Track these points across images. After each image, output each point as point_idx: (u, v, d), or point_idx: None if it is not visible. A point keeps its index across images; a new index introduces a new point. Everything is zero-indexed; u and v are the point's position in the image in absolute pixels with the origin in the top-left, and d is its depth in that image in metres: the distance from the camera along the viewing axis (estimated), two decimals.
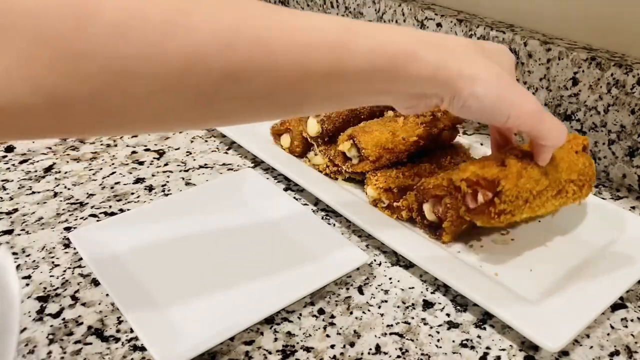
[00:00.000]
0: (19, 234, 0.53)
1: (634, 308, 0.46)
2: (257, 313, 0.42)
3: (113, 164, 0.65)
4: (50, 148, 0.68)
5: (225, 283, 0.46)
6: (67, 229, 0.54)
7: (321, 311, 0.45)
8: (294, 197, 0.59)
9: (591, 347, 0.43)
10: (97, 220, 0.55)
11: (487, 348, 0.42)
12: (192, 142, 0.70)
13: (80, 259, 0.50)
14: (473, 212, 0.44)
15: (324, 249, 0.49)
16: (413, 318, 0.45)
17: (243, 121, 0.35)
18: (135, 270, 0.47)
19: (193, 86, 0.28)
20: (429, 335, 0.43)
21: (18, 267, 0.49)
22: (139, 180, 0.62)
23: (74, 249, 0.51)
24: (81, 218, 0.55)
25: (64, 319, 0.44)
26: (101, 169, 0.64)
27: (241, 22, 0.29)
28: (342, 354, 0.41)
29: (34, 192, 0.59)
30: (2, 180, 0.61)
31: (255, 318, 0.41)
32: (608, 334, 0.44)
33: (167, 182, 0.62)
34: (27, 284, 0.47)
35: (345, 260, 0.47)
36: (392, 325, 0.44)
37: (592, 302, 0.43)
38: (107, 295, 0.46)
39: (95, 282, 0.47)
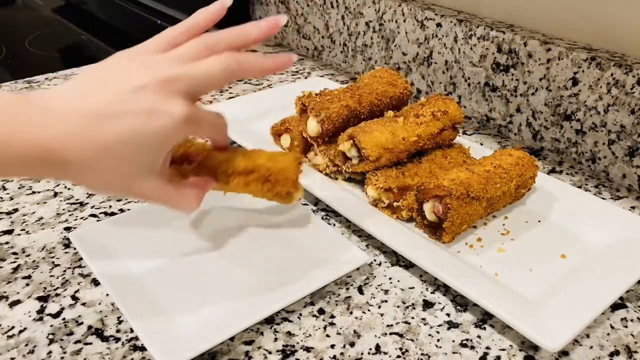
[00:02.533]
0: (19, 234, 0.53)
1: (634, 308, 0.46)
2: (257, 313, 0.42)
3: None
4: None
5: (226, 283, 0.46)
6: (67, 229, 0.54)
7: (321, 311, 0.45)
8: None
9: (591, 347, 0.43)
10: (97, 220, 0.55)
11: (487, 348, 0.42)
12: None
13: (81, 259, 0.50)
14: None
15: (324, 249, 0.49)
16: (413, 318, 0.45)
17: None
18: (135, 270, 0.47)
19: None
20: (429, 335, 0.43)
21: (18, 266, 0.49)
22: None
23: (74, 249, 0.51)
24: (81, 218, 0.55)
25: (64, 319, 0.44)
26: None
27: None
28: (342, 354, 0.41)
29: (34, 192, 0.59)
30: (2, 180, 0.61)
31: (255, 318, 0.41)
32: (608, 334, 0.44)
33: None
34: (28, 284, 0.47)
35: (345, 260, 0.47)
36: (392, 325, 0.44)
37: (592, 302, 0.43)
38: (107, 295, 0.46)
39: (95, 282, 0.47)
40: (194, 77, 0.37)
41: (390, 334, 0.43)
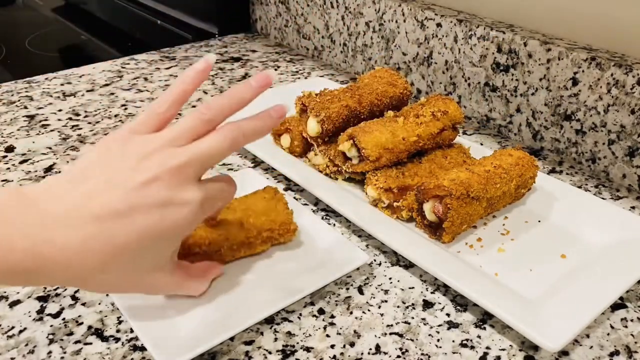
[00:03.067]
0: None
1: (634, 308, 0.46)
2: (257, 313, 0.42)
3: None
4: (50, 148, 0.68)
5: (226, 283, 0.46)
6: None
7: (321, 311, 0.45)
8: (294, 197, 0.59)
9: (591, 347, 0.43)
10: None
11: (487, 348, 0.42)
12: None
13: None
14: None
15: (324, 249, 0.49)
16: (413, 318, 0.45)
17: None
18: None
19: None
20: (429, 335, 0.43)
21: None
22: None
23: None
24: None
25: (64, 319, 0.44)
26: None
27: None
28: (342, 354, 0.41)
29: None
30: (2, 181, 0.61)
31: (255, 318, 0.41)
32: (608, 334, 0.44)
33: None
34: None
35: (345, 260, 0.47)
36: (392, 325, 0.44)
37: (592, 302, 0.43)
38: (107, 295, 0.46)
39: None
40: (203, 159, 0.36)
41: (390, 334, 0.43)
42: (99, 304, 0.45)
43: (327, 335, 0.43)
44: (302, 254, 0.49)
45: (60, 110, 0.78)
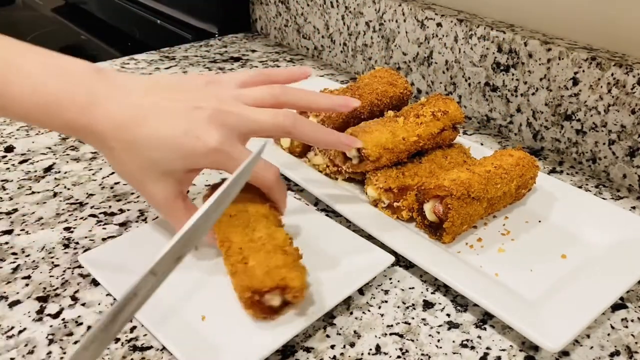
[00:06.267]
0: (18, 234, 0.53)
1: (634, 308, 0.46)
2: (291, 329, 0.40)
3: None
4: (50, 148, 0.68)
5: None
6: (67, 229, 0.54)
7: None
8: (294, 197, 0.59)
9: (591, 347, 0.43)
10: (97, 221, 0.55)
11: (487, 348, 0.42)
12: None
13: None
14: None
15: (347, 253, 0.48)
16: (413, 318, 0.45)
17: None
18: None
19: None
20: (429, 335, 0.43)
21: (18, 267, 0.49)
22: None
23: (74, 248, 0.51)
24: (81, 218, 0.55)
25: (63, 319, 0.44)
26: (101, 169, 0.64)
27: None
28: (342, 354, 0.41)
29: (33, 192, 0.59)
30: (2, 180, 0.61)
31: (288, 335, 0.40)
32: (608, 334, 0.44)
33: None
34: (27, 284, 0.47)
35: (370, 263, 0.46)
36: (392, 326, 0.44)
37: (592, 302, 0.43)
38: (107, 295, 0.46)
39: (95, 282, 0.47)
40: (245, 119, 0.41)
41: (391, 334, 0.43)
42: (99, 304, 0.45)
43: (327, 336, 0.43)
44: (325, 260, 0.47)
45: None
